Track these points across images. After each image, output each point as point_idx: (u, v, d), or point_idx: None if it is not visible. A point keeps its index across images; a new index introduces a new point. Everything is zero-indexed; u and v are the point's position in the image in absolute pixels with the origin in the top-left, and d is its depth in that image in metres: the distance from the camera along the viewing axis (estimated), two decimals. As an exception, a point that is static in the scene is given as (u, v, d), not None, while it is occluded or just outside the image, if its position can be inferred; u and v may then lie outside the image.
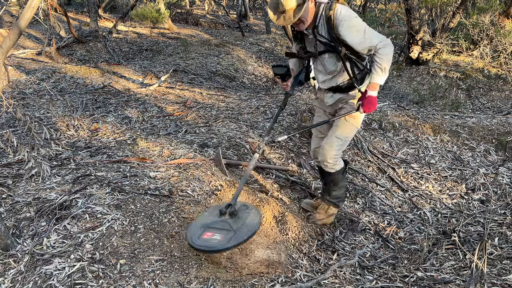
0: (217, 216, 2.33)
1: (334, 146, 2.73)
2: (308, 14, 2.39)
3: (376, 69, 2.42)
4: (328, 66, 2.60)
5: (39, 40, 8.93)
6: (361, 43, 2.37)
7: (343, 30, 2.36)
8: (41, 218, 2.40)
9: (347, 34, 2.37)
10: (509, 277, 2.35)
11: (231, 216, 2.31)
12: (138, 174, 2.93)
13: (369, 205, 3.45)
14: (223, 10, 14.37)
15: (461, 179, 3.86)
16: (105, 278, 1.98)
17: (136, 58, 8.52)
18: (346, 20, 2.35)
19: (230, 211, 2.33)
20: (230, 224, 2.25)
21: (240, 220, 2.29)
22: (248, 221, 2.29)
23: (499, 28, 6.71)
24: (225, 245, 2.12)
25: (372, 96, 2.47)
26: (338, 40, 2.42)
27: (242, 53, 8.61)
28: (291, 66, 2.83)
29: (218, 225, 2.24)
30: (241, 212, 2.38)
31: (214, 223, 2.27)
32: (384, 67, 2.40)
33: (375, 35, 2.38)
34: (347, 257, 2.71)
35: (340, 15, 2.36)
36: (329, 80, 2.67)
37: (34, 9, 2.20)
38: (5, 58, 2.16)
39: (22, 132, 3.98)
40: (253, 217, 2.33)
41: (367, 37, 2.36)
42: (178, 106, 5.11)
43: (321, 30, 2.46)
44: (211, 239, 2.13)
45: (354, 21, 2.37)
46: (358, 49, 2.41)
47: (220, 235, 2.16)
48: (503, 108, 5.65)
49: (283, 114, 4.72)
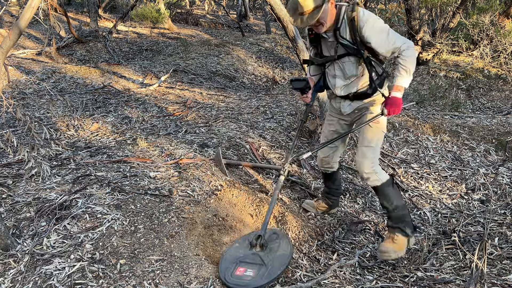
0: (247, 248, 2.29)
1: (368, 156, 2.56)
2: (327, 16, 2.34)
3: (400, 71, 2.35)
4: (348, 70, 2.52)
5: (39, 40, 8.93)
6: (385, 45, 2.33)
7: (368, 32, 2.32)
8: (41, 218, 2.40)
9: (371, 36, 2.33)
10: (509, 277, 2.35)
11: (262, 248, 2.28)
12: (138, 174, 2.93)
13: (369, 205, 3.45)
14: (223, 10, 14.37)
15: (461, 179, 3.86)
16: (105, 278, 1.98)
17: (136, 58, 8.52)
18: (370, 22, 2.32)
19: (261, 243, 2.29)
20: (261, 258, 2.21)
21: (271, 253, 2.25)
22: (280, 253, 2.25)
23: (499, 28, 6.71)
24: (259, 282, 2.08)
25: (397, 98, 2.38)
26: (361, 42, 2.37)
27: (242, 53, 8.61)
28: (311, 73, 2.77)
29: (250, 259, 2.20)
30: (272, 242, 2.34)
31: (245, 257, 2.23)
32: (409, 69, 2.33)
33: (398, 37, 2.34)
34: (347, 257, 2.70)
35: (364, 17, 2.33)
36: (347, 86, 2.57)
37: (34, 9, 2.20)
38: (5, 58, 2.16)
39: (22, 132, 3.99)
40: (284, 248, 2.29)
41: (391, 39, 2.32)
42: (178, 106, 5.11)
43: (343, 32, 2.40)
44: (244, 276, 2.10)
45: (377, 22, 2.34)
46: (382, 51, 2.36)
47: (252, 271, 2.13)
48: (503, 108, 5.65)
49: (283, 114, 4.72)
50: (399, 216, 2.60)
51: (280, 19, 3.89)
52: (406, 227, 2.60)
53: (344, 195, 3.51)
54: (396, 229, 2.61)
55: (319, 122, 4.20)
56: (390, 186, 2.60)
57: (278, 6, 3.80)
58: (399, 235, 2.59)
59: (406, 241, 2.61)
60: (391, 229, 2.63)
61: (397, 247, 2.58)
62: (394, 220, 2.62)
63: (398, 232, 2.60)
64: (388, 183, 2.59)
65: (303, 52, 4.02)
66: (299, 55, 4.06)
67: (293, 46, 4.09)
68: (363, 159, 2.57)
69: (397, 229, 2.60)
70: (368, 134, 2.57)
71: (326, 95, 4.26)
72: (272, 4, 3.77)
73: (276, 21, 4.29)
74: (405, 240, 2.61)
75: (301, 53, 4.02)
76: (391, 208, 2.61)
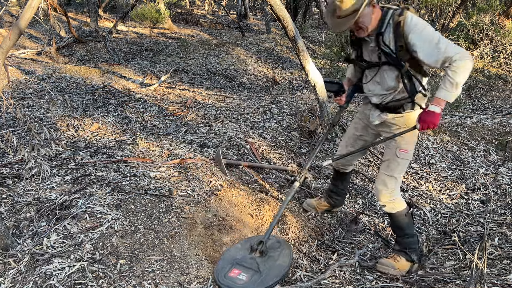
0: (247, 251, 2.27)
1: (389, 186, 2.47)
2: (368, 20, 2.19)
3: (445, 83, 2.11)
4: (388, 81, 2.33)
5: (39, 40, 8.93)
6: (433, 54, 2.11)
7: (414, 39, 2.13)
8: (41, 218, 2.40)
9: (418, 44, 2.13)
10: (509, 277, 2.35)
11: (261, 255, 2.25)
12: (138, 174, 2.93)
13: (369, 205, 3.46)
14: (223, 10, 14.37)
15: (461, 179, 3.86)
16: (105, 278, 1.98)
17: (136, 58, 8.52)
18: (418, 28, 2.13)
19: (261, 249, 2.26)
20: (258, 264, 2.18)
21: (269, 261, 2.22)
22: (278, 263, 2.21)
23: (499, 28, 6.72)
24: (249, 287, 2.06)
25: (434, 112, 2.16)
26: (406, 51, 2.19)
27: (242, 53, 8.61)
28: (348, 74, 2.65)
29: (246, 263, 2.19)
30: (272, 250, 2.30)
31: (243, 260, 2.21)
32: (457, 82, 2.08)
33: (451, 46, 2.10)
34: (347, 257, 2.71)
35: (412, 22, 2.14)
36: (383, 96, 2.40)
37: (34, 9, 2.20)
38: (5, 58, 2.16)
39: (22, 132, 3.99)
40: (283, 259, 2.25)
41: (441, 47, 2.08)
42: (178, 106, 5.11)
43: (386, 38, 2.23)
44: (236, 279, 2.08)
45: (427, 29, 2.14)
46: (430, 61, 2.14)
47: (246, 276, 2.11)
48: (503, 108, 5.65)
49: (283, 114, 4.72)
50: (407, 242, 2.56)
51: (280, 19, 3.89)
52: (412, 253, 2.56)
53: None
54: (402, 253, 2.56)
55: (319, 122, 4.20)
56: (404, 215, 2.53)
57: (278, 6, 3.79)
58: (403, 259, 2.55)
59: (409, 266, 2.56)
60: (397, 252, 2.59)
61: (398, 266, 2.53)
62: (401, 245, 2.58)
63: (403, 255, 2.56)
64: (403, 213, 2.52)
65: (303, 52, 4.02)
66: (299, 55, 4.05)
67: (293, 46, 4.09)
68: (383, 188, 2.48)
69: (403, 253, 2.56)
70: (393, 164, 2.45)
71: (326, 95, 4.26)
72: (272, 4, 3.77)
73: (276, 21, 4.29)
74: (408, 265, 2.56)
75: (301, 53, 4.02)
76: (400, 234, 2.58)
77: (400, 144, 2.41)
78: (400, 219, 2.54)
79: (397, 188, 2.50)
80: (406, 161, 2.46)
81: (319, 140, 2.55)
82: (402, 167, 2.46)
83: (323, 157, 3.98)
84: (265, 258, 2.24)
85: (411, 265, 2.56)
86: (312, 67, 4.08)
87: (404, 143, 2.41)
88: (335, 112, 2.46)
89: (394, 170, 2.45)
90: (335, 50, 7.55)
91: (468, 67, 2.07)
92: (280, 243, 2.38)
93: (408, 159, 2.45)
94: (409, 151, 2.44)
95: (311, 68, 4.07)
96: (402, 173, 2.50)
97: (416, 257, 2.56)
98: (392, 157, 2.44)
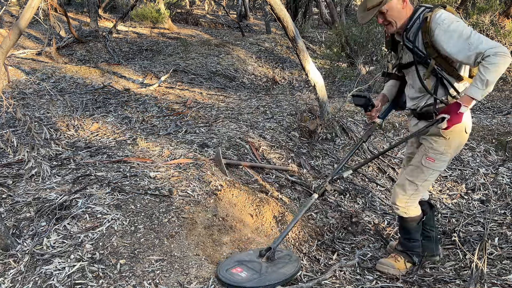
0: (256, 255, 2.31)
1: (407, 192, 2.36)
2: (396, 14, 2.13)
3: (475, 80, 1.98)
4: (417, 81, 2.22)
5: (39, 40, 8.93)
6: (462, 51, 1.98)
7: (440, 35, 2.02)
8: (41, 218, 2.40)
9: (444, 40, 2.01)
10: (509, 277, 2.35)
11: (267, 260, 2.27)
12: (138, 174, 2.93)
13: (369, 205, 3.46)
14: (223, 10, 14.36)
15: (461, 179, 3.86)
16: (105, 278, 1.98)
17: (136, 58, 8.52)
18: (445, 23, 2.01)
19: (268, 255, 2.27)
20: (261, 267, 2.21)
21: (273, 267, 2.24)
22: (280, 271, 2.22)
23: (499, 28, 6.71)
24: (243, 283, 2.07)
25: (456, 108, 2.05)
26: (433, 47, 2.07)
27: (242, 53, 8.61)
28: (385, 90, 2.53)
29: (251, 265, 2.23)
30: (280, 260, 2.31)
31: (248, 262, 2.26)
32: (487, 80, 1.93)
33: (485, 40, 1.95)
34: (347, 257, 2.71)
35: (439, 18, 2.03)
36: (416, 99, 2.30)
37: (34, 9, 2.20)
38: (5, 58, 2.16)
39: (22, 132, 3.99)
40: (288, 269, 2.24)
41: (472, 43, 1.94)
42: (178, 106, 5.11)
43: (411, 35, 2.13)
44: (236, 275, 2.12)
45: (455, 24, 2.01)
46: (460, 58, 2.01)
47: (246, 274, 2.14)
48: (503, 108, 5.65)
49: (283, 114, 4.72)
50: (411, 246, 2.53)
51: (280, 19, 3.89)
52: (414, 255, 2.52)
53: (344, 195, 3.52)
54: (403, 254, 2.53)
55: (319, 122, 4.20)
56: (416, 223, 2.45)
57: (278, 6, 3.80)
58: (403, 259, 2.52)
59: (409, 267, 2.53)
60: (398, 252, 2.55)
61: (398, 265, 2.50)
62: (404, 247, 2.54)
63: (404, 256, 2.53)
64: (415, 219, 2.43)
65: (303, 52, 4.02)
66: (299, 55, 4.06)
67: (293, 46, 4.09)
68: (400, 191, 2.38)
69: (404, 254, 2.53)
70: (416, 170, 2.34)
71: (326, 95, 4.26)
72: (272, 4, 3.77)
73: (276, 21, 4.29)
74: (409, 265, 2.53)
75: (301, 53, 4.02)
76: (406, 238, 2.53)
77: (428, 151, 2.29)
78: (410, 224, 2.46)
79: (416, 196, 2.39)
80: (431, 171, 2.31)
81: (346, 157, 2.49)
82: (425, 176, 2.32)
83: (322, 156, 3.98)
84: (270, 264, 2.25)
85: (411, 266, 2.54)
86: (312, 67, 4.08)
87: (432, 151, 2.27)
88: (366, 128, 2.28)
89: (416, 177, 2.34)
90: (335, 50, 7.55)
91: (502, 63, 1.91)
92: (290, 257, 2.37)
93: (433, 169, 2.30)
94: (436, 161, 2.28)
95: (311, 68, 4.08)
96: (425, 183, 2.36)
97: (417, 259, 2.53)
98: (418, 163, 2.33)
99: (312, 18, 14.04)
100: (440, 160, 2.28)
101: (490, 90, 2.00)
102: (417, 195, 2.39)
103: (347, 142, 4.31)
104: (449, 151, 2.27)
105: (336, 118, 4.43)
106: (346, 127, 4.43)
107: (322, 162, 3.92)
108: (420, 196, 2.43)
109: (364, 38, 6.83)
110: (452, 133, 2.20)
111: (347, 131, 4.40)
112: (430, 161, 2.28)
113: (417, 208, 2.43)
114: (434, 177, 2.36)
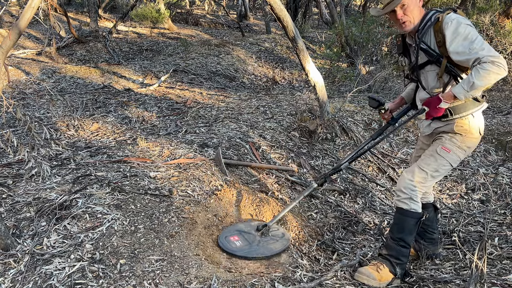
0: (254, 228, 2.64)
1: (415, 178, 2.29)
2: (412, 10, 2.18)
3: (464, 80, 2.06)
4: (429, 81, 2.28)
5: (39, 40, 8.93)
6: (463, 53, 2.05)
7: (448, 34, 2.09)
8: (41, 218, 2.40)
9: (450, 39, 2.08)
10: (509, 277, 2.35)
11: (262, 235, 2.59)
12: (138, 174, 2.93)
13: (369, 205, 3.46)
14: (223, 10, 14.37)
15: (461, 179, 3.86)
16: (105, 278, 1.98)
17: (136, 58, 8.52)
18: (453, 24, 2.08)
19: (263, 231, 2.60)
20: (254, 240, 2.55)
21: (265, 242, 2.55)
22: (270, 246, 2.52)
23: (499, 28, 6.71)
24: (234, 251, 2.42)
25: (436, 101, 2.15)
26: (444, 47, 2.13)
27: (242, 53, 8.61)
28: (404, 92, 2.58)
29: (247, 236, 2.57)
30: (274, 237, 2.61)
31: (246, 233, 2.60)
32: (474, 82, 1.99)
33: (487, 48, 2.00)
34: (347, 257, 2.71)
35: (450, 18, 2.10)
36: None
37: (34, 9, 2.20)
38: (5, 58, 2.16)
39: (22, 132, 3.99)
40: (276, 245, 2.53)
41: (475, 47, 2.01)
42: (178, 106, 5.11)
43: (424, 35, 2.19)
44: (232, 242, 2.48)
45: (463, 27, 2.06)
46: (459, 59, 2.08)
47: (240, 243, 2.49)
48: (503, 108, 5.65)
49: (283, 114, 4.72)
50: (397, 250, 2.34)
51: (280, 19, 3.89)
52: (397, 265, 2.33)
53: (344, 195, 3.52)
54: (386, 261, 2.34)
55: (319, 122, 4.20)
56: (415, 222, 2.33)
57: (278, 6, 3.79)
58: (386, 268, 2.33)
59: (391, 279, 2.33)
60: (381, 259, 2.37)
61: (379, 277, 2.30)
62: (389, 250, 2.36)
63: (388, 265, 2.33)
64: (415, 216, 2.32)
65: (303, 52, 4.02)
66: (299, 55, 4.05)
67: (293, 46, 4.09)
68: (408, 176, 2.32)
69: (387, 262, 2.34)
70: (430, 158, 2.31)
71: (326, 95, 4.26)
72: (272, 4, 3.77)
73: (276, 21, 4.29)
74: (391, 277, 2.33)
75: (301, 53, 4.02)
76: (395, 237, 2.35)
77: (445, 142, 2.29)
78: (408, 220, 2.33)
79: (423, 185, 2.31)
80: (444, 161, 2.28)
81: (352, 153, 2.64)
82: (437, 166, 2.29)
83: (322, 156, 3.98)
84: (263, 238, 2.57)
85: (393, 278, 2.33)
86: (312, 67, 4.08)
87: (449, 142, 2.28)
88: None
89: (428, 164, 2.30)
90: (335, 50, 7.54)
91: (495, 72, 1.97)
92: (284, 235, 2.66)
93: (447, 160, 2.28)
94: (451, 153, 2.27)
95: (311, 68, 4.08)
96: (435, 173, 2.30)
97: (400, 271, 2.33)
98: (432, 152, 2.31)
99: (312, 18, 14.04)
100: (455, 153, 2.28)
101: (474, 95, 2.07)
102: (424, 186, 2.31)
103: (347, 142, 4.31)
104: (463, 147, 2.29)
105: (336, 118, 4.43)
106: (346, 127, 4.43)
107: (322, 162, 3.92)
108: (425, 189, 2.34)
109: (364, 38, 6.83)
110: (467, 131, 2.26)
111: (347, 131, 4.40)
112: (445, 151, 2.28)
113: (419, 204, 2.34)
114: (444, 170, 2.32)
